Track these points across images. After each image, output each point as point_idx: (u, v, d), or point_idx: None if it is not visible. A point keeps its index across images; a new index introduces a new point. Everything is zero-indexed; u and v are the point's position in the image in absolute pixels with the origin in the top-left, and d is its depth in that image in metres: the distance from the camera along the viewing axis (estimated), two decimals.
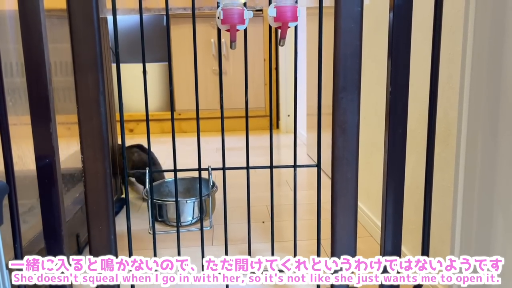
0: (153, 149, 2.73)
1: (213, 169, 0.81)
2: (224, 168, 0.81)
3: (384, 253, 0.86)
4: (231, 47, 0.76)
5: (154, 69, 3.20)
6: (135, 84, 3.21)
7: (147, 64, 3.16)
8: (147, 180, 0.76)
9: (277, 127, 3.32)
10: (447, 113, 0.92)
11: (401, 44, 0.78)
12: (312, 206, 1.66)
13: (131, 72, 3.12)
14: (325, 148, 1.59)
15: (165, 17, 0.79)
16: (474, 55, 0.79)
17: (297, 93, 3.23)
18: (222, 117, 0.79)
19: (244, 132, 3.18)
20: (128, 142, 2.93)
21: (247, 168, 0.82)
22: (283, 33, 0.74)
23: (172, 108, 0.80)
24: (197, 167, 0.80)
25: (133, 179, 1.65)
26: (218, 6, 0.74)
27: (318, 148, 0.82)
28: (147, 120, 0.80)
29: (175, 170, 0.80)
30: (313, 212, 1.60)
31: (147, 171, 0.76)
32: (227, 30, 0.74)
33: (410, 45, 0.78)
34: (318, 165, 0.84)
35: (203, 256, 0.83)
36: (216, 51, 3.06)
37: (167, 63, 3.15)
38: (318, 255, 0.87)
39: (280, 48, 3.16)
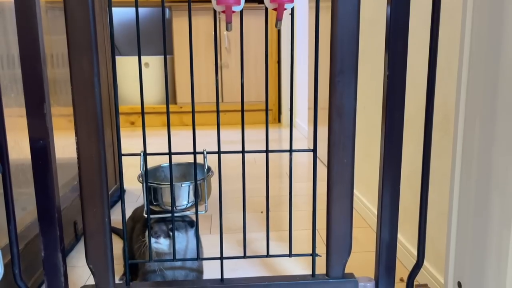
0: (154, 141, 2.72)
1: (208, 152, 0.81)
2: (219, 152, 0.80)
3: (380, 243, 0.85)
4: (227, 29, 0.75)
5: (157, 62, 3.20)
6: (138, 77, 3.21)
7: (150, 57, 3.15)
8: (141, 163, 0.76)
9: (279, 121, 3.31)
10: (446, 99, 0.91)
11: (399, 29, 0.78)
12: (311, 197, 1.66)
13: (133, 64, 3.12)
14: (323, 140, 1.59)
15: (166, 10, 0.79)
16: (473, 39, 0.78)
17: (299, 88, 3.22)
18: (217, 95, 0.78)
19: (247, 126, 3.15)
20: (130, 135, 2.93)
21: (243, 152, 0.81)
22: (279, 14, 0.73)
23: (166, 82, 0.79)
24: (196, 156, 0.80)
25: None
26: None
27: (315, 132, 0.81)
28: (143, 114, 0.79)
29: (169, 153, 0.79)
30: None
31: (141, 154, 0.75)
32: (223, 12, 0.73)
33: (408, 30, 0.77)
34: (314, 150, 0.83)
35: (197, 241, 0.83)
36: (220, 44, 3.06)
37: (170, 55, 3.15)
38: (314, 239, 0.86)
39: (282, 42, 3.15)
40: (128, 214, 0.93)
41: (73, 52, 0.74)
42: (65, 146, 1.41)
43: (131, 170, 1.95)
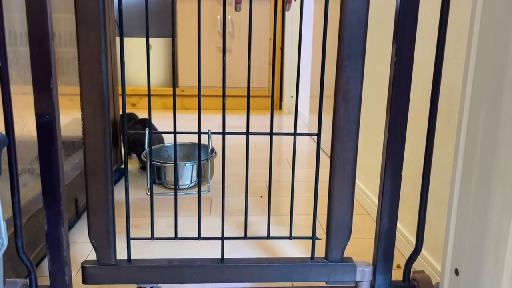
0: (156, 123, 2.73)
1: (213, 133, 0.81)
2: (224, 133, 0.81)
3: (379, 229, 0.86)
4: (236, 9, 0.75)
5: (159, 44, 3.18)
6: (140, 58, 3.19)
7: (153, 39, 3.14)
8: (146, 141, 0.76)
9: (280, 108, 3.31)
10: (451, 88, 0.91)
11: (408, 16, 0.77)
12: (311, 184, 1.67)
13: (136, 46, 3.10)
14: (326, 129, 1.58)
15: None
16: (482, 28, 0.78)
17: (301, 76, 3.23)
18: (224, 77, 0.78)
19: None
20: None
21: (247, 133, 0.81)
22: None
23: (173, 57, 0.79)
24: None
25: (134, 155, 1.64)
26: None
27: (319, 115, 0.81)
28: (149, 92, 0.79)
29: (174, 132, 0.80)
30: (312, 190, 1.60)
31: (146, 132, 0.76)
32: None
33: (417, 18, 0.77)
34: (318, 134, 0.83)
35: (199, 220, 0.84)
36: (222, 28, 3.04)
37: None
38: (314, 221, 0.87)
39: (286, 28, 3.13)
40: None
41: (81, 28, 0.74)
42: (67, 124, 1.41)
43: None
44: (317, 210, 0.85)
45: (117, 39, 2.37)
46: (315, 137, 2.41)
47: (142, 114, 3.01)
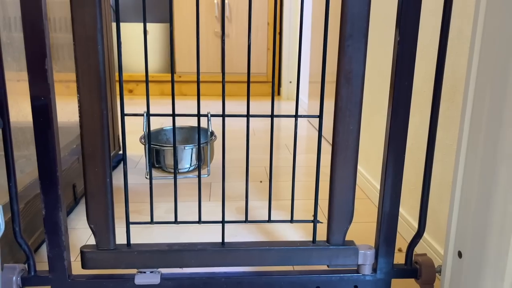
0: (153, 109, 2.70)
1: (212, 115, 0.79)
2: (223, 115, 0.79)
3: (382, 213, 0.85)
4: None
5: (156, 29, 3.14)
6: (136, 44, 3.16)
7: (149, 24, 3.09)
8: (144, 125, 0.75)
9: (279, 93, 3.29)
10: (454, 70, 0.89)
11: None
12: (310, 169, 1.66)
13: (132, 31, 3.06)
14: (325, 114, 1.56)
15: None
16: (488, 4, 0.76)
17: (300, 61, 3.17)
18: (223, 59, 0.77)
19: (245, 97, 3.13)
20: (128, 103, 2.90)
21: (247, 116, 0.80)
22: None
23: (171, 39, 0.77)
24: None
25: None
26: None
27: (321, 97, 0.80)
28: (146, 74, 0.77)
29: (173, 115, 0.78)
30: (311, 175, 1.59)
31: (144, 114, 0.74)
32: None
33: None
34: (320, 116, 0.82)
35: (199, 204, 0.82)
36: (219, 13, 2.99)
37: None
38: (316, 205, 0.86)
39: (284, 12, 3.09)
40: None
41: (75, 6, 0.72)
42: (63, 110, 1.39)
43: (131, 136, 1.94)
44: (318, 192, 0.84)
45: (114, 24, 2.32)
46: (314, 124, 2.39)
47: (139, 101, 2.98)
